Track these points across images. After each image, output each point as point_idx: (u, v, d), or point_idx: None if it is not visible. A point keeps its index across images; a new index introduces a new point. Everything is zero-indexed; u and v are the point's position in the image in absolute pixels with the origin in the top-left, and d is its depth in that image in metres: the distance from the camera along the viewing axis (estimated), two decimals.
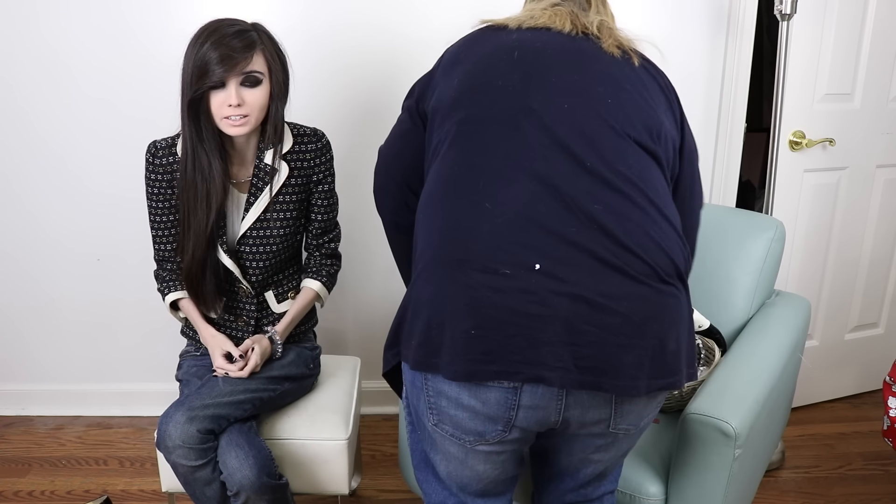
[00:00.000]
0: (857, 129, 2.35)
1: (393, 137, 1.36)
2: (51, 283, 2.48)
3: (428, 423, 1.18)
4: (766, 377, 1.59)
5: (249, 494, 1.54)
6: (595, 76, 1.16)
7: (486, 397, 1.09)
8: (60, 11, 2.22)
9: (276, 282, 1.78)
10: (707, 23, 2.29)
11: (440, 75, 1.25)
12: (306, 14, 2.22)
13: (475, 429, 1.13)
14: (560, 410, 1.11)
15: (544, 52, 1.18)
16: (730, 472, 1.43)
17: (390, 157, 1.36)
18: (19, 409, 2.60)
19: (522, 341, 1.03)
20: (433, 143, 1.21)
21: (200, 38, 1.53)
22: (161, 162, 1.67)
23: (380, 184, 1.39)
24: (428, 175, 1.21)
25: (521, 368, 1.04)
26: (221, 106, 1.54)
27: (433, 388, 1.13)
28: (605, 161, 1.08)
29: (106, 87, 2.29)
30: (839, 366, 2.62)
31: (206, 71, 1.51)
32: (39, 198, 2.40)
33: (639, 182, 1.09)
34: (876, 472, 2.26)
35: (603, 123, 1.11)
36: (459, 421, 1.13)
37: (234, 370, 1.65)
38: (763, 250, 1.89)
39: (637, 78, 1.20)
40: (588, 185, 1.06)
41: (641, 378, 1.06)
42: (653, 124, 1.16)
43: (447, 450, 1.20)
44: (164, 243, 1.75)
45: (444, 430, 1.16)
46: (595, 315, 1.02)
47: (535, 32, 1.21)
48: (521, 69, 1.15)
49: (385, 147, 1.38)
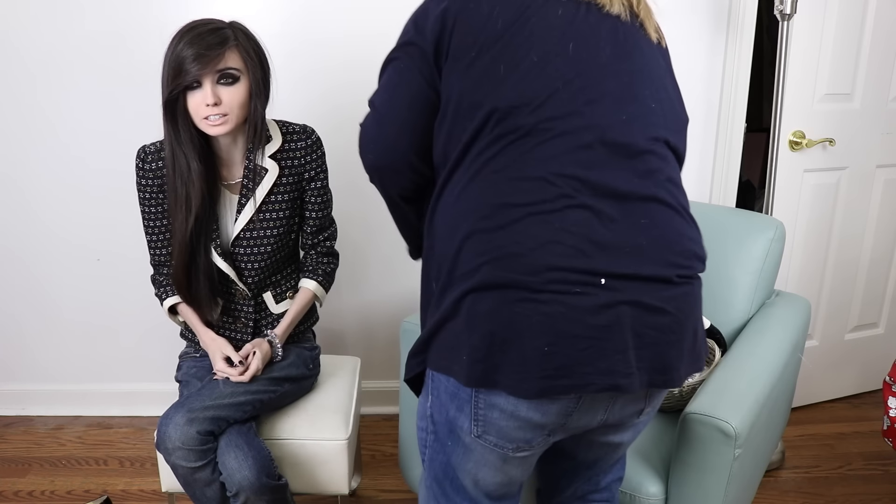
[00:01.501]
0: (856, 129, 2.34)
1: (398, 102, 1.13)
2: (51, 284, 2.48)
3: (469, 435, 1.12)
4: (766, 377, 1.59)
5: (249, 495, 1.54)
6: (643, 78, 1.12)
7: (549, 409, 1.08)
8: (62, 11, 2.22)
9: (273, 282, 1.78)
10: (707, 23, 2.29)
11: (463, 32, 1.07)
12: (305, 12, 2.22)
13: (523, 437, 1.12)
14: (607, 410, 1.13)
15: (598, 48, 1.08)
16: (730, 472, 1.43)
17: (398, 131, 1.14)
18: (19, 409, 2.60)
19: (594, 353, 1.03)
20: (462, 129, 1.08)
21: (176, 38, 1.53)
22: (151, 167, 1.66)
23: (385, 163, 1.17)
24: (459, 165, 1.09)
25: (593, 380, 1.04)
26: (199, 106, 1.53)
27: (485, 401, 1.08)
28: (651, 172, 1.09)
29: (107, 87, 2.29)
30: (839, 366, 2.62)
31: (180, 70, 1.50)
32: (39, 198, 2.40)
33: (673, 188, 1.13)
34: (876, 472, 2.26)
35: (649, 132, 1.10)
36: (508, 431, 1.10)
37: (235, 374, 1.64)
38: (763, 250, 1.89)
39: (667, 67, 1.20)
40: (637, 201, 1.08)
41: (683, 367, 1.12)
42: (681, 122, 1.19)
43: (484, 458, 1.15)
44: (159, 248, 1.74)
45: (487, 441, 1.12)
46: (652, 318, 1.06)
47: (586, 11, 1.09)
48: (577, 68, 1.06)
49: (387, 115, 1.14)
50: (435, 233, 1.13)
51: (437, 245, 1.12)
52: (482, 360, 1.04)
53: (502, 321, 1.03)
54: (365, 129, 1.17)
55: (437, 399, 1.15)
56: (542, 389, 1.04)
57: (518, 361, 1.03)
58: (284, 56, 2.09)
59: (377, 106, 1.15)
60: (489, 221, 1.04)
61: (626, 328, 1.04)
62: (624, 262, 1.04)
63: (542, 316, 1.01)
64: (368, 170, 1.20)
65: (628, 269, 1.04)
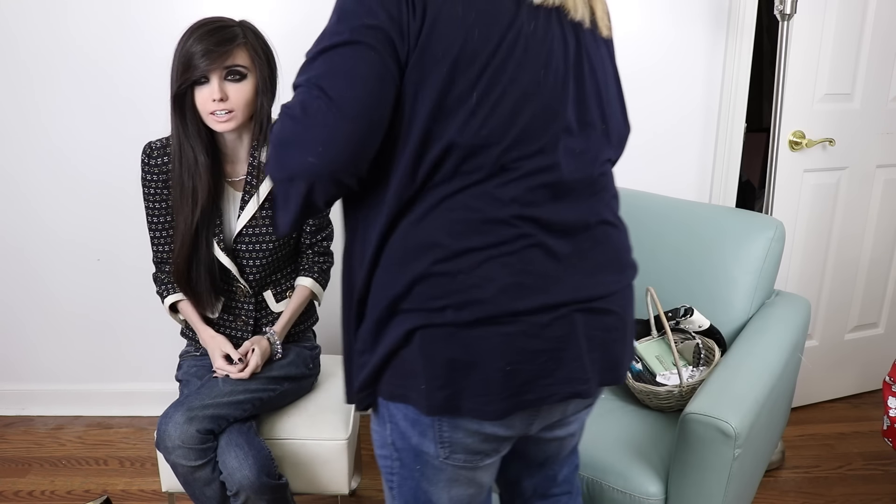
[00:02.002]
0: (856, 129, 2.34)
1: (367, 100, 0.92)
2: (51, 283, 2.48)
3: (436, 459, 1.10)
4: (765, 377, 1.59)
5: (249, 494, 1.54)
6: (599, 99, 1.09)
7: (513, 422, 1.08)
8: (63, 10, 2.22)
9: (274, 281, 1.78)
10: (707, 23, 2.29)
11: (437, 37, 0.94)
12: (314, 12, 2.22)
13: (490, 448, 1.11)
14: (564, 410, 1.15)
15: (565, 73, 1.03)
16: (729, 472, 1.43)
17: (362, 135, 0.93)
18: (19, 409, 2.60)
19: (553, 364, 1.03)
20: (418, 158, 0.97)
21: (186, 34, 1.55)
22: (156, 162, 1.67)
23: (329, 170, 0.94)
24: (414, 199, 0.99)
25: (555, 390, 1.04)
26: (206, 101, 1.55)
27: (449, 424, 1.06)
28: (600, 196, 1.11)
29: (108, 87, 2.29)
30: (839, 366, 2.62)
31: (189, 65, 1.52)
32: (40, 198, 2.40)
33: (614, 204, 1.16)
34: (876, 472, 2.26)
35: (601, 157, 1.11)
36: (474, 446, 1.09)
37: (235, 372, 1.65)
38: (763, 250, 1.89)
39: (614, 70, 1.19)
40: (590, 228, 1.09)
41: (626, 361, 1.15)
42: (622, 137, 1.19)
43: (455, 475, 1.13)
44: (162, 245, 1.75)
45: (455, 461, 1.10)
46: (599, 319, 1.07)
47: (557, 23, 1.02)
48: (545, 100, 1.01)
49: (349, 112, 0.92)
50: (377, 262, 1.03)
51: (381, 275, 1.03)
52: (443, 388, 1.01)
53: (461, 346, 1.00)
54: (307, 124, 0.92)
55: (395, 428, 1.10)
56: (507, 409, 1.03)
57: (481, 385, 1.01)
58: (292, 55, 2.09)
59: (334, 98, 0.91)
60: (449, 265, 0.99)
61: (579, 335, 1.04)
62: (581, 291, 1.05)
63: (500, 336, 1.00)
64: (299, 175, 0.94)
65: (582, 294, 1.05)
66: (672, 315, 1.81)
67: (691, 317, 1.78)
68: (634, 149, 2.40)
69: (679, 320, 1.80)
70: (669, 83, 2.34)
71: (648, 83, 2.34)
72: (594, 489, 1.55)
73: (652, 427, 1.66)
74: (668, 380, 1.75)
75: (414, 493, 1.15)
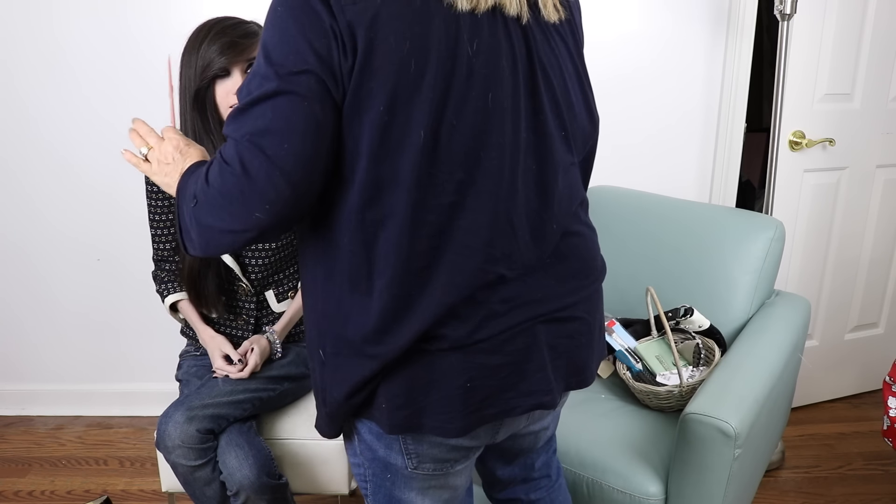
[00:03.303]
0: (856, 129, 2.34)
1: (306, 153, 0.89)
2: (51, 283, 2.48)
3: (405, 469, 1.09)
4: (765, 377, 1.59)
5: (249, 494, 1.54)
6: (556, 106, 1.02)
7: (477, 434, 1.08)
8: (64, 12, 2.22)
9: (276, 281, 1.78)
10: (707, 22, 2.29)
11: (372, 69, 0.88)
12: None
13: (459, 456, 1.10)
14: (529, 417, 1.16)
15: (514, 85, 0.96)
16: (729, 472, 1.43)
17: (306, 188, 0.91)
18: (19, 409, 2.60)
19: (515, 377, 1.02)
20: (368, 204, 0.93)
21: (201, 33, 1.55)
22: None
23: (278, 221, 0.92)
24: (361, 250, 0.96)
25: (517, 403, 1.03)
26: (228, 94, 1.55)
27: (413, 438, 1.06)
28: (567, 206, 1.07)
29: (108, 87, 2.29)
30: (839, 366, 2.62)
31: (210, 61, 1.53)
32: (40, 197, 2.40)
33: (581, 211, 1.11)
34: (876, 472, 2.26)
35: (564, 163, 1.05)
36: (442, 455, 1.08)
37: (234, 371, 1.65)
38: (763, 250, 1.89)
39: (574, 67, 1.07)
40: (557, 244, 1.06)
41: (594, 363, 1.15)
42: (587, 137, 1.12)
43: (427, 482, 1.12)
44: (163, 243, 1.75)
45: (425, 469, 1.09)
46: (563, 327, 1.06)
47: (491, 34, 0.94)
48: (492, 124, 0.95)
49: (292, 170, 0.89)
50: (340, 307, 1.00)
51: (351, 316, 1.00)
52: (404, 407, 1.00)
53: (422, 365, 0.99)
54: (250, 183, 0.89)
55: (362, 442, 1.10)
56: (468, 426, 1.02)
57: (442, 403, 1.00)
58: None
59: (272, 156, 0.88)
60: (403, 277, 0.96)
61: (542, 345, 1.03)
62: (543, 306, 1.03)
63: (460, 354, 0.98)
64: (250, 229, 0.92)
65: (544, 308, 1.04)
66: (672, 315, 1.81)
67: (691, 317, 1.78)
68: (634, 148, 2.41)
69: (679, 320, 1.80)
70: (669, 83, 2.34)
71: (648, 83, 2.34)
72: (594, 489, 1.55)
73: (652, 427, 1.66)
74: (668, 380, 1.75)
75: (388, 500, 1.15)
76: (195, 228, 0.96)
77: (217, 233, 0.94)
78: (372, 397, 1.02)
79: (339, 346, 1.01)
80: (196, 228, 0.96)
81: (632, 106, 2.37)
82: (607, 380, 1.89)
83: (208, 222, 0.94)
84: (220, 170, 0.92)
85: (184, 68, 1.56)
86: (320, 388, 1.07)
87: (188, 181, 1.00)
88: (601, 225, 2.11)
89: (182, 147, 1.08)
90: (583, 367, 1.11)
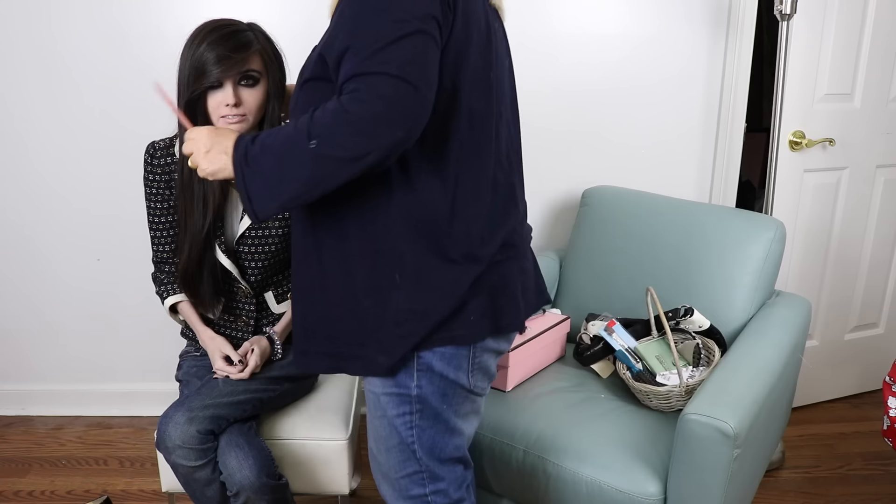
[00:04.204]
0: (857, 129, 2.34)
1: (433, 81, 1.05)
2: (51, 283, 2.48)
3: (466, 387, 1.24)
4: (765, 377, 1.59)
5: (249, 495, 1.54)
6: (506, 70, 1.28)
7: (510, 336, 1.30)
8: (62, 14, 2.22)
9: (275, 282, 1.78)
10: (707, 23, 2.29)
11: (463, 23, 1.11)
12: (308, 13, 2.22)
13: (496, 366, 1.30)
14: None
15: (499, 50, 1.24)
16: (729, 472, 1.43)
17: (426, 110, 1.04)
18: (19, 409, 2.60)
19: (535, 277, 1.35)
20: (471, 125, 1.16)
21: (196, 38, 1.53)
22: (159, 162, 1.67)
23: (411, 136, 1.04)
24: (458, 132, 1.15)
25: (537, 300, 1.35)
26: (219, 106, 1.54)
27: (481, 347, 1.23)
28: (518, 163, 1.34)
29: (110, 85, 2.29)
30: (839, 366, 2.62)
31: (203, 71, 1.51)
32: (40, 197, 2.40)
33: None
34: (876, 472, 2.26)
35: (516, 129, 1.33)
36: (489, 367, 1.27)
37: (234, 372, 1.65)
38: (763, 250, 1.89)
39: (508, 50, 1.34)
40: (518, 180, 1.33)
41: None
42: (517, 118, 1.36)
43: (472, 406, 1.29)
44: (163, 244, 1.75)
45: (478, 388, 1.27)
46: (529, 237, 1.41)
47: (495, 16, 1.24)
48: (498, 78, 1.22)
49: (426, 94, 1.03)
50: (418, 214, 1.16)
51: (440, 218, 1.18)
52: (487, 312, 1.20)
53: (497, 273, 1.21)
54: (394, 104, 1.01)
55: (426, 374, 1.21)
56: (524, 319, 1.28)
57: (510, 303, 1.23)
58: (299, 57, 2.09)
59: (414, 82, 1.02)
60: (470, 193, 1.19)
61: (531, 253, 1.38)
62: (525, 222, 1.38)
63: (514, 261, 1.25)
64: (385, 147, 1.03)
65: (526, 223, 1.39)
66: (672, 315, 1.81)
67: (691, 317, 1.78)
68: (634, 149, 2.41)
69: (679, 320, 1.80)
70: (669, 83, 2.34)
71: (648, 83, 2.34)
72: (593, 489, 1.55)
73: (652, 427, 1.66)
74: (667, 380, 1.75)
75: (433, 439, 1.25)
76: (310, 166, 1.03)
77: (339, 163, 1.03)
78: (461, 309, 1.18)
79: (429, 261, 1.16)
80: (310, 167, 1.03)
81: (631, 106, 2.37)
82: (607, 380, 1.89)
83: (336, 153, 1.02)
84: (355, 98, 1.01)
85: (179, 73, 1.55)
86: (394, 310, 1.16)
87: (282, 136, 1.06)
88: (601, 225, 2.11)
89: (211, 133, 1.15)
90: None
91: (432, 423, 1.24)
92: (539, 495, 1.63)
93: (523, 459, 1.64)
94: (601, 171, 2.38)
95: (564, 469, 1.58)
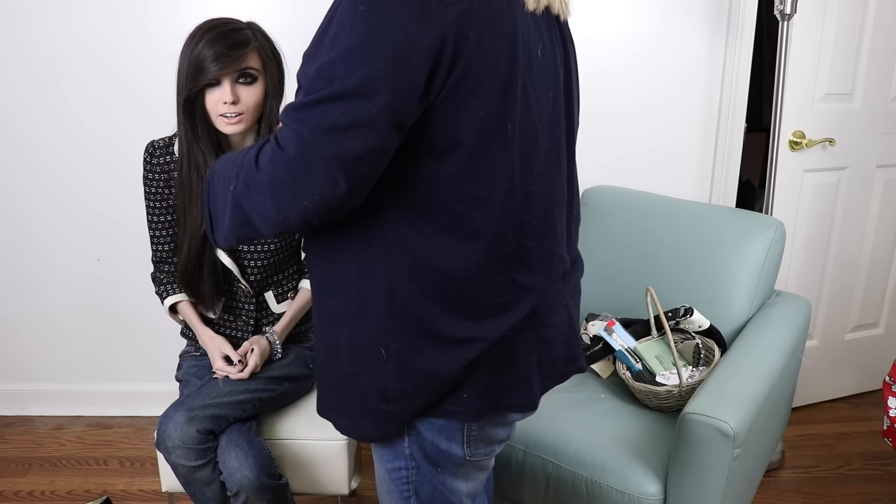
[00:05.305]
0: (857, 129, 2.34)
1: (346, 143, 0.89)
2: (51, 283, 2.48)
3: (461, 458, 1.12)
4: (765, 377, 1.59)
5: (249, 494, 1.54)
6: (569, 102, 1.10)
7: None
8: (62, 14, 2.22)
9: (275, 282, 1.78)
10: (707, 22, 2.29)
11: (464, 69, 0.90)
12: (306, 12, 2.22)
13: (508, 434, 1.18)
14: None
15: (558, 79, 1.04)
16: (728, 472, 1.43)
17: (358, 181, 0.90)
18: (19, 409, 2.60)
19: (560, 347, 1.13)
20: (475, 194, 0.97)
21: (195, 36, 1.54)
22: (158, 161, 1.67)
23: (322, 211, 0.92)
24: None
25: (567, 370, 1.17)
26: (217, 104, 1.55)
27: (479, 423, 1.09)
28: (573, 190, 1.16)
29: (110, 84, 2.29)
30: (839, 366, 2.62)
31: (201, 69, 1.51)
32: (39, 198, 2.40)
33: None
34: (876, 472, 2.26)
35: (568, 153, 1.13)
36: (499, 435, 1.15)
37: (234, 372, 1.65)
38: (763, 250, 1.89)
39: (576, 64, 1.16)
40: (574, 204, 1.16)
41: None
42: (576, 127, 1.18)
43: (474, 468, 1.16)
44: (162, 244, 1.75)
45: (478, 455, 1.13)
46: (576, 301, 1.21)
47: (549, 37, 1.02)
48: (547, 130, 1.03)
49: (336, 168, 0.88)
50: None
51: None
52: (486, 391, 1.04)
53: (504, 347, 1.04)
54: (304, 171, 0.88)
55: (417, 442, 1.11)
56: (537, 398, 1.11)
57: (518, 380, 1.07)
58: (299, 57, 2.09)
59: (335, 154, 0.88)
60: None
61: (573, 317, 1.18)
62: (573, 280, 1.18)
63: (531, 331, 1.06)
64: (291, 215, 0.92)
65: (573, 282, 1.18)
66: (672, 315, 1.81)
67: (691, 317, 1.78)
68: (634, 148, 2.41)
69: (679, 320, 1.80)
70: (669, 83, 2.34)
71: (648, 83, 2.34)
72: (593, 489, 1.55)
73: (651, 427, 1.66)
74: (667, 380, 1.75)
75: (431, 493, 1.16)
76: (230, 210, 0.95)
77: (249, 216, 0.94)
78: (455, 388, 1.03)
79: (418, 340, 1.00)
80: (230, 210, 0.95)
81: (631, 106, 2.37)
82: (607, 380, 1.89)
83: (267, 216, 0.93)
84: (272, 157, 0.90)
85: (178, 71, 1.56)
86: (380, 386, 1.03)
87: (226, 166, 0.98)
88: (601, 225, 2.11)
89: None
90: None
91: (429, 478, 1.15)
92: (539, 495, 1.63)
93: (523, 459, 1.64)
94: (601, 171, 2.38)
95: (564, 469, 1.58)
